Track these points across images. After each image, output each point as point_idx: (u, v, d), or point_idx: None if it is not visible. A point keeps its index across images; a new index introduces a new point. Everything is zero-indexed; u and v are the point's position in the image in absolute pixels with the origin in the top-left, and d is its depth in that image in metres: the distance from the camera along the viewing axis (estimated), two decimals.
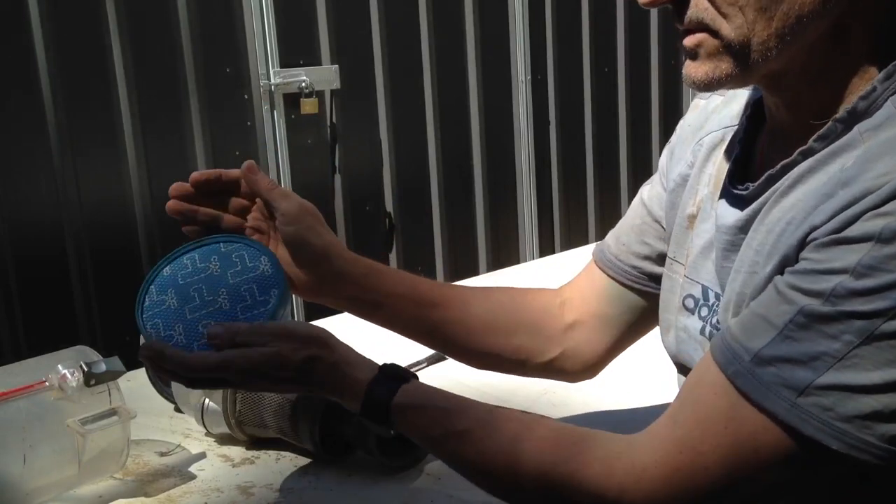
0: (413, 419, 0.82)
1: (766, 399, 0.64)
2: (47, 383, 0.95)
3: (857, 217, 0.62)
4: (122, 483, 1.03)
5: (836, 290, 0.62)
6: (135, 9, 2.39)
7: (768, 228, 0.72)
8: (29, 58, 2.25)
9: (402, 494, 0.98)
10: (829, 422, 0.62)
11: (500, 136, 3.20)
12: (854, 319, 0.61)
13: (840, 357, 0.62)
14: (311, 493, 1.00)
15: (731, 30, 0.69)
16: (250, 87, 2.63)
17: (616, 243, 1.01)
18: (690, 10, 0.70)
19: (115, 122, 2.40)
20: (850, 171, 0.65)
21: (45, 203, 2.31)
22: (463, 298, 1.02)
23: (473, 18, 3.10)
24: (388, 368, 0.85)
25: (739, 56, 0.69)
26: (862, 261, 0.61)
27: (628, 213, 1.03)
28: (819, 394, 0.62)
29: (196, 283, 0.90)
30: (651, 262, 0.98)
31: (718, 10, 0.69)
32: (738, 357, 0.66)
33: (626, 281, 1.00)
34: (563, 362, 1.03)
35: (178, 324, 0.86)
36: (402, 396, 0.82)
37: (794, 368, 0.63)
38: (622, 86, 3.54)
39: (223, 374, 0.82)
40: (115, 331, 2.33)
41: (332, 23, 2.77)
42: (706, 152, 0.87)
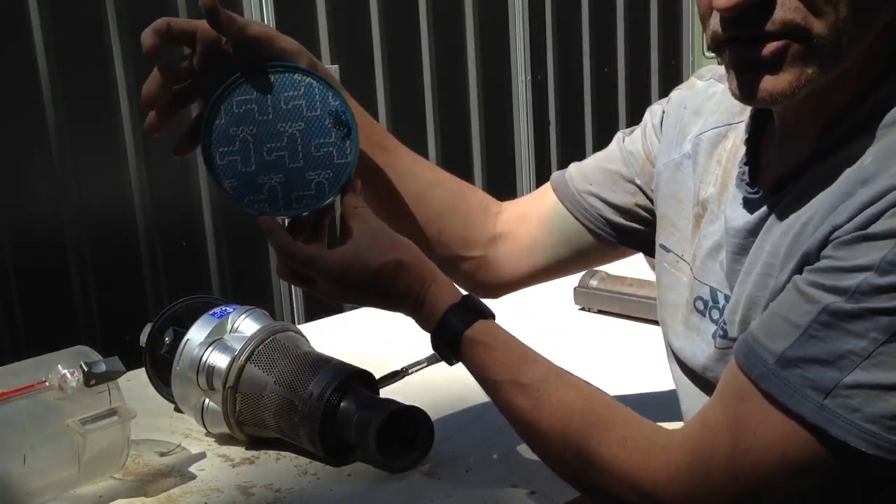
0: (481, 356, 0.83)
1: (792, 401, 0.64)
2: (47, 383, 0.95)
3: (881, 214, 0.61)
4: (122, 483, 1.03)
5: (860, 286, 0.61)
6: (135, 9, 2.39)
7: (783, 230, 0.71)
8: (29, 58, 2.25)
9: (402, 494, 0.98)
10: (856, 423, 0.62)
11: (500, 136, 3.20)
12: (879, 316, 0.60)
13: (866, 355, 0.61)
14: (311, 493, 1.00)
15: (825, 27, 0.65)
16: None
17: (582, 179, 1.00)
18: (778, 12, 0.65)
19: (115, 122, 2.40)
20: (870, 169, 0.64)
21: (45, 203, 2.31)
22: (412, 158, 1.01)
23: (473, 18, 3.10)
24: (469, 299, 0.86)
25: (828, 57, 0.66)
26: (886, 257, 0.60)
27: (602, 155, 1.01)
28: (846, 394, 0.62)
29: (265, 122, 0.86)
30: (616, 212, 0.98)
31: (811, 7, 0.64)
32: (762, 360, 0.66)
33: (582, 218, 0.99)
34: (478, 269, 1.03)
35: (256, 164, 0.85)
36: (476, 331, 0.83)
37: (821, 368, 0.63)
38: (622, 86, 3.54)
39: (312, 268, 0.83)
40: (115, 331, 2.33)
41: (332, 23, 2.77)
42: (708, 148, 0.86)
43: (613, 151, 1.01)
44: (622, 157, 1.00)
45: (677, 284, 0.90)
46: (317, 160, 0.86)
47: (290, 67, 0.87)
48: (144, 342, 1.20)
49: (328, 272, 0.83)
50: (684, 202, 0.89)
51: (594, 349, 1.39)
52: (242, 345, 1.08)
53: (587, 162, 1.03)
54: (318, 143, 0.86)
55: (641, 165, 0.98)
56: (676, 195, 0.90)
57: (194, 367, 1.08)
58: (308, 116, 0.86)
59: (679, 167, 0.90)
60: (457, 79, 3.10)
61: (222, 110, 0.86)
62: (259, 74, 0.86)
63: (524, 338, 0.82)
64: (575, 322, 1.54)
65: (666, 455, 0.72)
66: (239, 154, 0.86)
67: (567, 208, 1.00)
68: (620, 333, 1.47)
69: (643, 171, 0.98)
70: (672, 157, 0.91)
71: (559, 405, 0.79)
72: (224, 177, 0.86)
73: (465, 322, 0.83)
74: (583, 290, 1.57)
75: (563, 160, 3.40)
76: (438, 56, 3.03)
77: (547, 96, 3.34)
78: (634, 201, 0.98)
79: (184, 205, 2.50)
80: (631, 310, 1.50)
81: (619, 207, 0.99)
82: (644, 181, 0.98)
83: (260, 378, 1.06)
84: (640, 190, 0.98)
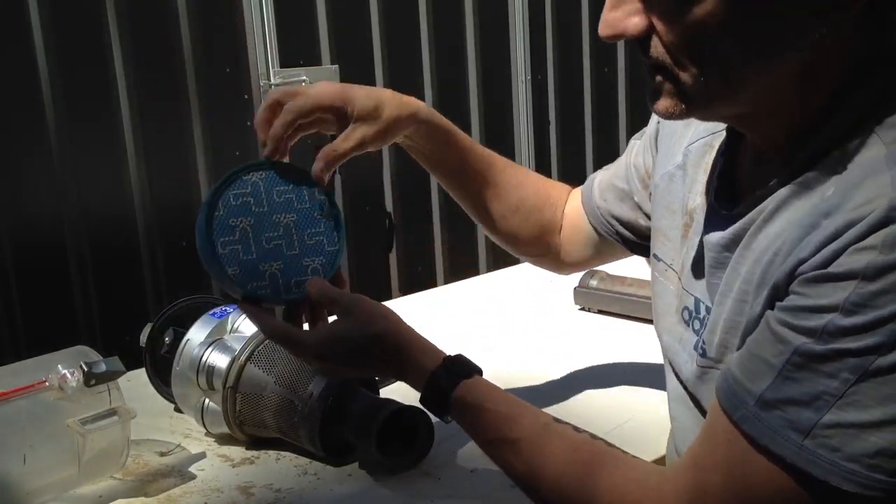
0: (469, 417, 0.86)
1: (773, 443, 0.64)
2: (47, 383, 0.95)
3: (841, 251, 0.62)
4: (122, 483, 1.03)
5: (827, 327, 0.62)
6: (135, 9, 2.39)
7: (755, 258, 0.72)
8: (29, 58, 2.25)
9: (402, 494, 0.98)
10: (837, 462, 0.62)
11: (500, 136, 3.20)
12: (848, 357, 0.61)
13: (839, 395, 0.61)
14: (311, 493, 1.00)
15: (688, 78, 0.68)
16: (250, 87, 2.63)
17: (599, 195, 1.10)
18: (651, 50, 0.69)
19: (115, 122, 2.40)
20: (832, 200, 0.64)
21: (46, 203, 2.31)
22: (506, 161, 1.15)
23: (473, 19, 3.10)
24: (450, 361, 0.88)
25: (697, 102, 0.70)
26: (849, 298, 0.61)
27: (616, 170, 1.09)
28: (825, 434, 0.62)
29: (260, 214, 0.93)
30: (622, 225, 1.07)
31: (674, 60, 0.68)
32: (743, 402, 0.66)
33: (602, 230, 1.10)
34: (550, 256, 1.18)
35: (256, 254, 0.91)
36: (462, 392, 0.85)
37: (798, 409, 0.63)
38: (622, 86, 3.54)
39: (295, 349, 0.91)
40: (115, 331, 2.33)
41: (332, 23, 2.77)
42: (695, 159, 0.87)
43: (621, 166, 1.09)
44: (626, 174, 1.07)
45: (665, 293, 0.91)
46: (311, 248, 0.93)
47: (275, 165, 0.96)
48: (144, 342, 1.20)
49: (310, 351, 0.90)
50: (676, 212, 0.90)
51: (594, 349, 1.39)
52: (242, 345, 1.08)
53: (607, 174, 1.11)
54: (310, 232, 0.93)
55: (640, 179, 1.04)
56: (670, 206, 0.91)
57: (194, 367, 1.08)
58: (299, 209, 0.93)
59: (672, 178, 0.91)
60: (457, 79, 3.10)
61: (220, 203, 0.91)
62: (251, 170, 0.94)
63: (524, 338, 0.82)
64: (575, 322, 1.54)
65: (660, 494, 0.73)
66: (240, 244, 0.91)
67: (590, 222, 1.11)
68: (620, 333, 1.47)
69: (643, 187, 1.03)
70: (667, 168, 0.92)
71: (549, 459, 0.81)
72: (227, 265, 0.90)
73: (450, 384, 0.86)
74: (583, 290, 1.57)
75: (563, 160, 3.40)
76: (438, 56, 3.03)
77: (547, 96, 3.34)
78: (636, 217, 1.05)
79: (184, 205, 2.50)
80: (631, 310, 1.50)
81: (626, 222, 1.07)
82: (641, 198, 1.04)
83: (260, 378, 1.06)
84: (639, 207, 1.04)
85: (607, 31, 0.70)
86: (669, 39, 0.68)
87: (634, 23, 0.69)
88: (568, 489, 0.78)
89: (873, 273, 0.60)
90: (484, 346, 1.43)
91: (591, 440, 0.81)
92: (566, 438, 0.82)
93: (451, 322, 1.57)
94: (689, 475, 0.72)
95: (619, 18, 0.69)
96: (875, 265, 0.60)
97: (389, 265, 3.01)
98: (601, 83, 3.48)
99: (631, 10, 0.69)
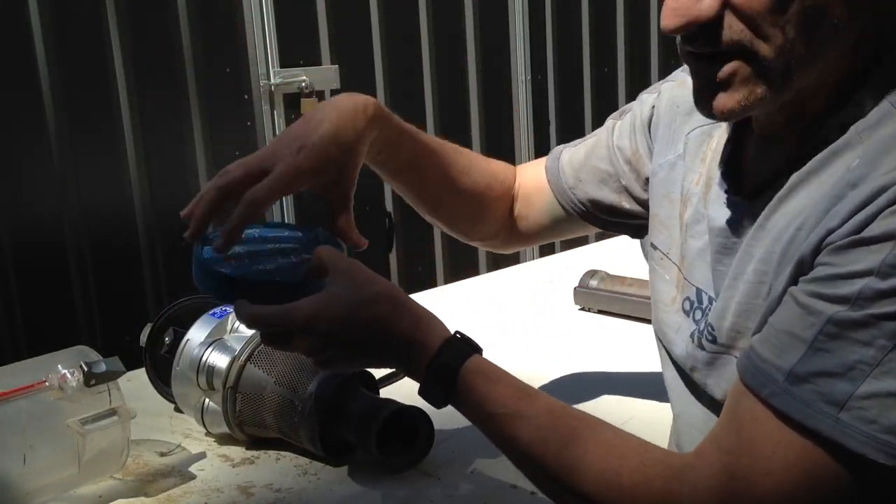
0: (481, 389, 0.78)
1: (807, 418, 0.62)
2: (47, 383, 0.95)
3: (874, 216, 0.60)
4: (122, 483, 1.03)
5: (862, 292, 0.60)
6: (135, 9, 2.39)
7: (774, 236, 0.70)
8: (29, 58, 2.25)
9: (402, 494, 0.98)
10: (873, 435, 0.60)
11: (500, 136, 3.20)
12: (885, 321, 0.59)
13: (876, 364, 0.60)
14: (311, 493, 1.00)
15: (771, 50, 0.66)
16: (250, 87, 2.63)
17: (573, 175, 1.04)
18: (725, 33, 0.66)
19: (115, 122, 2.40)
20: (858, 171, 0.63)
21: (45, 203, 2.31)
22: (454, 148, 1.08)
23: (473, 18, 3.10)
24: (462, 334, 0.82)
25: (777, 79, 0.67)
26: (886, 260, 0.59)
27: (594, 150, 1.04)
28: (861, 405, 0.60)
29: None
30: (597, 207, 1.03)
31: (757, 31, 0.65)
32: (772, 378, 0.64)
33: (572, 210, 1.05)
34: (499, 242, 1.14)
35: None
36: (475, 363, 0.80)
37: (832, 381, 0.61)
38: (622, 86, 3.54)
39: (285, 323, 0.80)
40: (115, 331, 2.33)
41: (332, 23, 2.77)
42: (694, 147, 0.86)
43: (602, 145, 1.03)
44: (608, 155, 1.02)
45: (662, 282, 0.90)
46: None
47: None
48: (144, 342, 1.20)
49: (299, 320, 0.79)
50: (675, 201, 0.89)
51: (594, 349, 1.39)
52: (242, 345, 1.08)
53: (578, 153, 1.05)
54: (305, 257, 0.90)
55: (627, 161, 1.00)
56: (669, 195, 0.90)
57: (194, 367, 1.08)
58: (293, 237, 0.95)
59: (673, 167, 0.90)
60: (457, 79, 3.10)
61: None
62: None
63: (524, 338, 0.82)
64: (575, 322, 1.54)
65: (688, 482, 0.70)
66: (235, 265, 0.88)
67: (560, 203, 1.05)
68: (620, 333, 1.47)
69: (631, 170, 0.99)
70: (667, 157, 0.91)
71: (567, 438, 0.75)
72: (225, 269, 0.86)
73: (462, 355, 0.80)
74: (583, 290, 1.57)
75: None
76: (438, 56, 3.03)
77: (547, 96, 3.34)
78: (620, 200, 1.01)
79: (184, 205, 2.49)
80: (631, 310, 1.50)
81: (606, 205, 1.02)
82: (629, 181, 1.00)
83: (260, 378, 1.06)
84: (626, 190, 1.00)
85: (677, 21, 0.66)
86: (755, 8, 0.64)
87: (708, 4, 0.66)
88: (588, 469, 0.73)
89: None
90: (484, 346, 1.43)
91: (607, 424, 0.77)
92: (583, 420, 0.77)
93: (452, 322, 1.56)
94: (715, 458, 0.69)
95: (689, 4, 0.66)
96: None
97: (389, 265, 3.01)
98: (601, 83, 3.48)
99: None
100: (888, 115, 0.66)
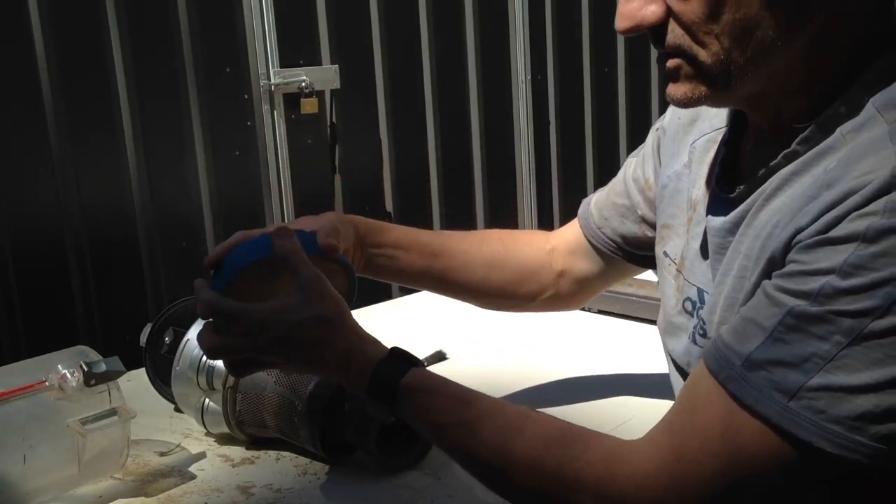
0: (422, 403, 0.82)
1: (758, 403, 0.64)
2: (47, 383, 0.95)
3: (842, 218, 0.62)
4: (122, 483, 1.03)
5: (823, 289, 0.62)
6: (135, 9, 2.39)
7: (756, 233, 0.72)
8: (29, 57, 2.25)
9: (402, 494, 0.98)
10: (820, 424, 0.62)
11: (500, 136, 3.20)
12: (842, 318, 0.61)
13: (830, 358, 0.62)
14: (311, 493, 1.00)
15: (708, 56, 0.70)
16: (250, 87, 2.63)
17: (599, 215, 1.09)
18: (668, 37, 0.71)
19: (115, 122, 2.40)
20: (834, 173, 0.65)
21: (45, 203, 2.31)
22: (461, 248, 1.12)
23: (473, 18, 3.10)
24: (397, 350, 0.85)
25: (717, 81, 0.71)
26: (848, 260, 0.61)
27: (613, 187, 1.09)
28: (811, 396, 0.62)
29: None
30: (626, 241, 1.07)
31: (694, 38, 0.69)
32: (730, 362, 0.66)
33: (605, 250, 1.09)
34: (555, 301, 1.16)
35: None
36: (413, 378, 0.82)
37: (785, 371, 0.63)
38: (622, 86, 3.54)
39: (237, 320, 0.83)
40: (115, 331, 2.33)
41: (332, 23, 2.77)
42: (700, 154, 0.88)
43: (619, 182, 1.09)
44: (625, 189, 1.07)
45: (668, 287, 0.92)
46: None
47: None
48: (144, 342, 1.20)
49: (253, 323, 0.83)
50: (683, 209, 0.90)
51: (594, 349, 1.39)
52: None
53: (602, 194, 1.11)
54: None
55: (641, 191, 1.04)
56: (679, 203, 0.92)
57: (194, 367, 1.08)
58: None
59: (680, 177, 0.92)
60: (457, 79, 3.10)
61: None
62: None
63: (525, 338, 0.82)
64: (575, 322, 1.54)
65: (632, 464, 0.72)
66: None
67: (592, 244, 1.10)
68: (620, 333, 1.47)
69: (644, 199, 1.04)
70: (674, 168, 0.93)
71: (508, 435, 0.77)
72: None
73: (399, 371, 0.82)
74: None
75: (563, 160, 3.40)
76: (438, 56, 3.03)
77: (547, 96, 3.34)
78: (643, 230, 1.05)
79: (184, 205, 2.50)
80: (631, 310, 1.50)
81: (632, 238, 1.07)
82: (644, 210, 1.04)
83: (260, 378, 1.06)
84: (643, 220, 1.04)
85: (626, 24, 0.71)
86: (689, 18, 0.69)
87: (652, 10, 0.70)
88: (540, 464, 0.75)
89: (874, 235, 0.60)
90: (484, 346, 1.43)
91: (553, 418, 0.79)
92: (526, 416, 0.79)
93: (451, 322, 1.57)
94: (665, 440, 0.71)
95: (636, 9, 0.70)
96: (876, 227, 0.60)
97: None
98: (601, 83, 3.48)
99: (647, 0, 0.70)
100: (872, 118, 0.67)
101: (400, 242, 1.07)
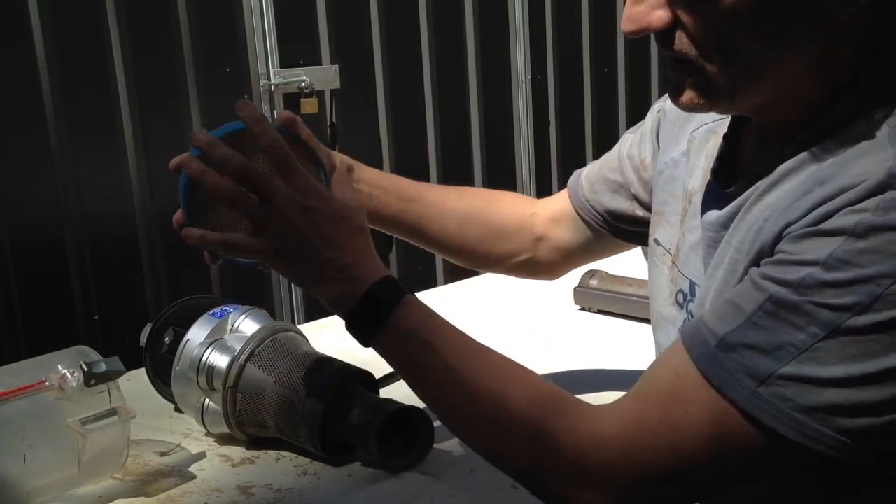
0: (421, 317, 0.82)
1: (727, 386, 0.65)
2: (47, 383, 0.95)
3: (834, 213, 0.62)
4: (122, 483, 1.03)
5: (805, 280, 0.62)
6: (135, 9, 2.39)
7: (748, 227, 0.73)
8: (29, 57, 2.25)
9: (402, 494, 0.98)
10: (786, 412, 0.62)
11: (500, 136, 3.21)
12: (821, 311, 0.61)
13: (804, 349, 0.62)
14: (311, 493, 1.00)
15: (713, 70, 0.69)
16: (250, 87, 2.63)
17: (589, 188, 1.09)
18: (676, 43, 0.70)
19: (114, 122, 2.40)
20: (828, 170, 0.65)
21: (45, 203, 2.31)
22: (439, 197, 1.11)
23: (473, 18, 3.10)
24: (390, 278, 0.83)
25: (722, 93, 0.70)
26: (834, 253, 0.61)
27: (606, 162, 1.09)
28: (780, 384, 0.63)
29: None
30: (615, 217, 1.06)
31: (700, 51, 0.69)
32: (705, 340, 0.67)
33: (592, 223, 1.08)
34: (530, 266, 1.15)
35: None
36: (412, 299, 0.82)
37: (758, 357, 0.64)
38: (622, 86, 3.54)
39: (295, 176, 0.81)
40: (115, 331, 2.33)
41: (332, 23, 2.77)
42: (699, 144, 0.88)
43: (614, 157, 1.08)
44: (619, 165, 1.06)
45: (661, 276, 0.92)
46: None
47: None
48: (144, 342, 1.20)
49: (288, 190, 0.80)
50: (678, 197, 0.90)
51: (594, 349, 1.39)
52: (242, 345, 1.08)
53: (594, 167, 1.10)
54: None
55: (635, 170, 1.04)
56: (673, 191, 0.92)
57: (194, 367, 1.08)
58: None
59: (677, 165, 0.92)
60: (457, 79, 3.10)
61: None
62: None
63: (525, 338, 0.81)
64: (575, 322, 1.54)
65: (593, 423, 0.72)
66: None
67: (580, 215, 1.09)
68: (620, 333, 1.47)
69: (639, 179, 1.03)
70: (672, 155, 0.93)
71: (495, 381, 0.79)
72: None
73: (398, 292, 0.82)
74: (583, 290, 1.57)
75: (563, 160, 3.40)
76: (438, 56, 3.03)
77: (547, 96, 3.34)
78: (633, 208, 1.05)
79: None
80: (631, 310, 1.50)
81: (621, 214, 1.06)
82: (637, 189, 1.04)
83: (260, 378, 1.06)
84: (636, 198, 1.04)
85: (631, 27, 0.70)
86: (696, 32, 0.68)
87: (658, 16, 0.69)
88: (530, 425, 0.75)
89: (863, 231, 0.60)
90: None
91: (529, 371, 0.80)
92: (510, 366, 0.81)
93: (450, 320, 1.57)
94: (629, 405, 0.71)
95: (643, 13, 0.69)
96: (866, 223, 0.60)
97: (389, 265, 3.01)
98: (601, 83, 3.48)
99: (654, 4, 0.69)
100: (870, 121, 0.67)
101: (377, 182, 1.05)
